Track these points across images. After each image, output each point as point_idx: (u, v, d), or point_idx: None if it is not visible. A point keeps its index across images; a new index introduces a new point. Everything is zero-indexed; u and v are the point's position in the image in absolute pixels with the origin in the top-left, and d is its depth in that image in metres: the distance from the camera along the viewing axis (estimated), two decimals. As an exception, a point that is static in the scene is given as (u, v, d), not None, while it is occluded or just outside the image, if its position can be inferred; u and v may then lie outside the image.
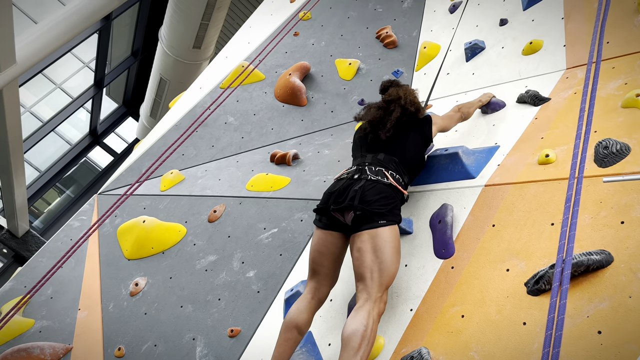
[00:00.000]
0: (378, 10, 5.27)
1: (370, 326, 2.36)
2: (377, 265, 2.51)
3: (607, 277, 2.01)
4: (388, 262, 2.53)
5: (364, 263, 2.53)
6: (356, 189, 2.68)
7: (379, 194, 2.66)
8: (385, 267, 2.52)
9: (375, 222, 2.59)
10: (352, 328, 2.34)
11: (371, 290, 2.48)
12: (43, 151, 14.77)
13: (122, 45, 14.85)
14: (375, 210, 2.61)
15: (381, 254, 2.53)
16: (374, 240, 2.56)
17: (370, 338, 2.35)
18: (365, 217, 2.60)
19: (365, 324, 2.35)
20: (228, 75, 5.27)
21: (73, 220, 4.71)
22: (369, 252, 2.55)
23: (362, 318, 2.37)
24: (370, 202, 2.62)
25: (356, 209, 2.61)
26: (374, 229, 2.58)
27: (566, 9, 3.75)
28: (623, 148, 2.40)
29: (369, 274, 2.51)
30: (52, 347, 3.66)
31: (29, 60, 7.72)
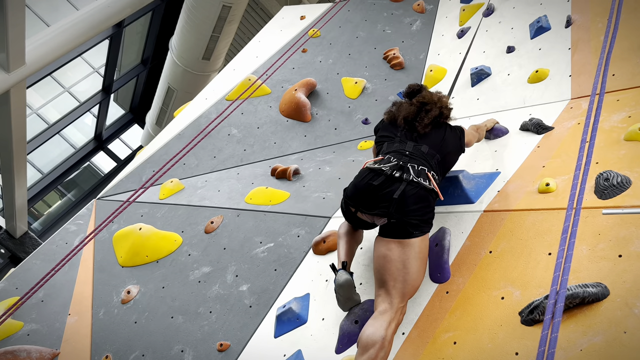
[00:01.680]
0: (387, 31, 5.31)
1: (388, 338, 2.34)
2: (402, 276, 2.47)
3: (602, 311, 1.98)
4: (414, 274, 2.49)
5: (389, 271, 2.48)
6: (396, 196, 2.51)
7: (418, 203, 2.53)
8: (411, 279, 2.48)
9: (410, 233, 2.50)
10: (372, 338, 2.33)
11: (394, 300, 2.46)
12: (47, 153, 14.82)
13: (133, 53, 14.98)
14: (413, 222, 2.51)
15: (409, 264, 2.48)
16: (404, 250, 2.49)
17: (387, 350, 2.34)
18: (400, 226, 2.50)
19: (384, 335, 2.33)
20: (234, 87, 5.29)
21: (70, 224, 4.69)
22: (396, 261, 2.49)
23: (382, 328, 2.35)
24: (408, 213, 2.50)
25: (392, 216, 2.51)
26: (406, 239, 2.50)
27: (573, 40, 3.76)
28: (624, 181, 2.38)
29: (392, 282, 2.47)
30: (39, 352, 3.62)
31: (39, 62, 7.78)
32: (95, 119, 15.57)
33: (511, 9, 4.49)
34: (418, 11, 5.37)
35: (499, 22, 4.49)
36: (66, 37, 8.26)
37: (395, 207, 2.51)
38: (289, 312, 3.08)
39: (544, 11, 4.16)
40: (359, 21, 5.48)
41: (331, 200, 3.81)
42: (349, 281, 2.65)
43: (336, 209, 3.67)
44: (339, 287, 2.66)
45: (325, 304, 3.02)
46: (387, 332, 2.35)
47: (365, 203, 2.59)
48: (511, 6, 4.51)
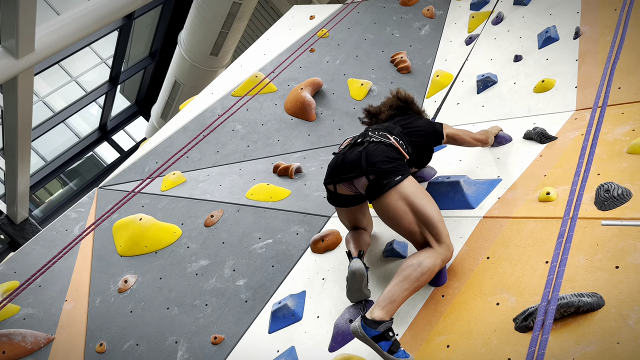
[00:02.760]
0: (395, 35, 5.32)
1: (426, 263, 2.39)
2: (422, 219, 2.50)
3: (596, 321, 1.98)
4: (429, 212, 2.51)
5: (409, 225, 2.51)
6: (360, 151, 2.66)
7: (386, 154, 2.63)
8: (430, 218, 2.50)
9: (392, 180, 2.54)
10: (410, 262, 2.41)
11: (431, 241, 2.50)
12: (51, 141, 14.87)
13: (141, 45, 15.03)
14: (387, 168, 2.57)
15: (417, 208, 2.50)
16: (403, 198, 2.52)
17: (424, 274, 2.38)
18: (380, 178, 2.55)
19: (422, 260, 2.40)
20: (241, 84, 5.31)
21: (71, 211, 4.71)
22: (405, 212, 2.51)
23: (425, 256, 2.42)
24: (379, 163, 2.58)
25: (368, 173, 2.58)
26: (395, 187, 2.53)
27: (581, 51, 3.77)
28: (624, 193, 2.39)
29: (417, 230, 2.51)
30: (34, 336, 3.63)
31: (48, 49, 7.81)
32: (100, 109, 15.63)
33: (520, 18, 4.50)
34: (427, 16, 5.38)
35: (507, 31, 4.50)
36: (76, 26, 8.29)
37: (366, 162, 2.61)
38: (284, 309, 3.09)
39: (553, 22, 4.17)
40: (368, 23, 5.49)
41: (332, 200, 3.82)
42: (362, 270, 2.64)
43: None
44: (351, 274, 2.65)
45: (321, 302, 3.03)
46: (426, 259, 2.40)
47: (339, 174, 2.71)
48: (520, 15, 4.52)
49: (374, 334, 2.23)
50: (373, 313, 2.29)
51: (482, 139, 3.25)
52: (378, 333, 2.24)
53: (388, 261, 2.96)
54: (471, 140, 3.19)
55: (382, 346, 2.23)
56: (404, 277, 2.37)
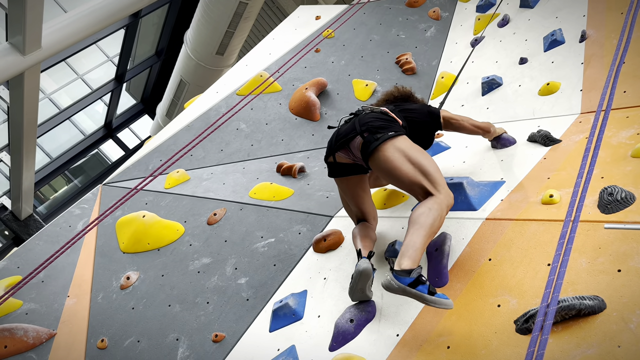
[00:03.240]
0: (401, 36, 5.32)
1: (437, 210, 2.41)
2: (420, 169, 2.54)
3: (597, 324, 1.98)
4: (426, 162, 2.56)
5: (407, 173, 2.55)
6: (353, 120, 2.83)
7: (378, 119, 2.77)
8: (427, 167, 2.55)
9: (385, 134, 2.64)
10: (420, 211, 2.42)
11: (431, 189, 2.51)
12: (56, 138, 14.93)
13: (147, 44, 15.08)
14: (381, 125, 2.70)
15: (414, 157, 2.57)
16: (398, 149, 2.60)
17: (436, 219, 2.39)
18: (373, 135, 2.65)
19: (431, 206, 2.42)
20: (246, 83, 5.32)
21: (74, 208, 4.73)
22: (402, 162, 2.57)
23: (431, 203, 2.44)
24: (370, 122, 2.72)
25: (362, 132, 2.69)
26: (389, 140, 2.62)
27: (587, 54, 3.76)
28: (628, 197, 2.38)
29: (417, 179, 2.53)
30: (36, 331, 3.65)
31: (54, 47, 7.85)
32: (106, 107, 15.68)
33: (526, 20, 4.50)
34: (433, 18, 5.38)
35: (513, 33, 4.50)
36: (83, 23, 8.33)
37: (359, 124, 2.75)
38: (285, 308, 3.09)
39: (559, 25, 4.16)
40: (374, 24, 5.49)
41: (334, 200, 3.82)
42: (369, 271, 2.64)
43: (339, 209, 3.68)
44: (358, 273, 2.64)
45: (322, 302, 3.03)
46: (434, 205, 2.43)
47: (337, 143, 2.84)
48: (526, 18, 4.52)
49: (410, 281, 2.25)
50: (401, 264, 2.31)
51: (483, 126, 3.25)
52: (413, 279, 2.26)
53: (391, 261, 2.95)
54: (470, 127, 3.20)
55: (422, 289, 2.25)
56: (419, 225, 2.39)
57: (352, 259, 3.20)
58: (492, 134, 3.32)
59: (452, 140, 3.83)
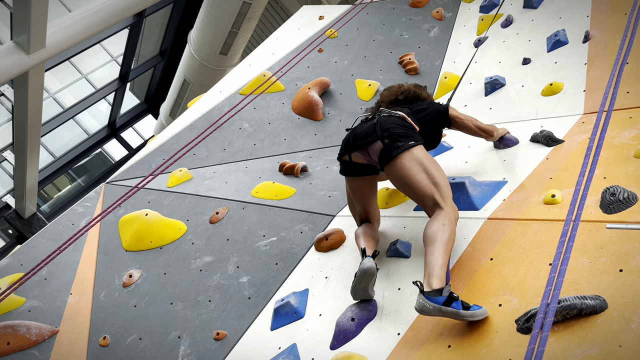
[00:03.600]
0: (404, 36, 5.32)
1: (450, 225, 2.49)
2: (432, 180, 2.63)
3: (599, 324, 1.97)
4: (439, 175, 2.66)
5: (420, 184, 2.64)
6: (373, 123, 2.86)
7: (397, 124, 2.83)
8: (440, 180, 2.64)
9: (406, 143, 2.72)
10: (434, 227, 2.49)
11: (441, 202, 2.59)
12: (60, 137, 14.98)
13: (151, 44, 15.12)
14: (401, 132, 2.76)
15: (429, 169, 2.66)
16: (415, 159, 2.68)
17: (452, 234, 2.47)
18: (394, 142, 2.73)
19: (444, 222, 2.49)
20: (249, 82, 5.33)
21: (77, 206, 4.75)
22: (417, 172, 2.66)
23: (443, 218, 2.52)
24: (394, 129, 2.78)
25: (383, 137, 2.75)
26: (408, 150, 2.70)
27: (590, 55, 3.75)
28: (630, 197, 2.38)
29: (429, 190, 2.62)
30: (38, 328, 3.66)
31: (59, 46, 7.89)
32: (110, 106, 15.73)
33: (530, 21, 4.49)
34: (437, 18, 5.38)
35: (516, 34, 4.49)
36: (87, 23, 8.37)
37: (380, 129, 2.80)
38: (286, 306, 3.09)
39: (563, 25, 4.16)
40: (377, 24, 5.50)
41: (336, 199, 3.82)
42: (373, 270, 2.65)
43: (341, 208, 3.69)
44: (361, 272, 2.65)
45: (324, 300, 3.04)
46: (445, 220, 2.50)
47: (355, 143, 2.89)
48: (530, 18, 4.51)
49: (443, 300, 2.26)
50: (432, 285, 2.32)
51: (488, 129, 3.27)
52: (445, 298, 2.27)
53: (391, 261, 2.96)
54: (474, 128, 3.22)
55: (456, 306, 2.26)
56: (438, 243, 2.45)
57: (354, 258, 3.20)
58: (495, 137, 3.32)
59: (454, 140, 3.83)
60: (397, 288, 2.79)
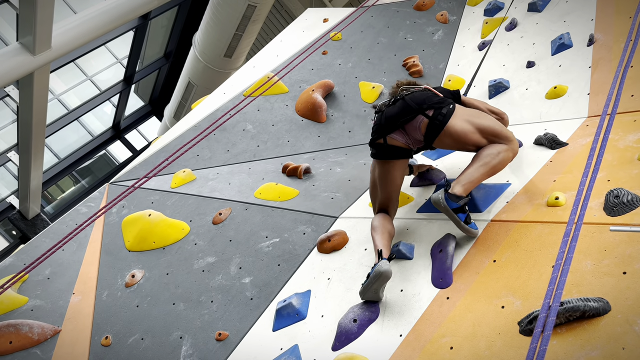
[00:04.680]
0: (408, 39, 5.32)
1: (503, 158, 2.72)
2: (487, 132, 2.79)
3: (602, 326, 1.97)
4: (491, 124, 2.81)
5: (477, 142, 2.79)
6: (401, 102, 2.93)
7: (424, 94, 2.92)
8: (494, 129, 2.80)
9: (449, 108, 2.83)
10: (490, 151, 2.73)
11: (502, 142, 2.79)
12: (65, 138, 15.03)
13: (156, 46, 15.17)
14: (439, 100, 2.87)
15: (479, 124, 2.81)
16: (465, 120, 2.82)
17: (499, 165, 2.71)
18: (438, 109, 2.82)
19: (502, 154, 2.72)
20: (253, 84, 5.34)
21: (81, 206, 4.76)
22: (473, 132, 2.79)
23: (502, 148, 2.74)
24: (426, 100, 2.87)
25: (423, 109, 2.83)
26: (454, 112, 2.83)
27: (594, 58, 3.74)
28: (634, 199, 2.37)
29: (486, 142, 2.79)
30: (41, 327, 3.67)
31: (64, 47, 7.91)
32: (114, 108, 15.77)
33: (534, 24, 4.49)
34: (441, 21, 5.38)
35: (521, 37, 4.49)
36: (92, 25, 8.40)
37: (415, 103, 2.87)
38: (289, 307, 3.09)
39: (567, 28, 4.15)
40: (382, 27, 5.50)
41: (339, 201, 3.82)
42: (389, 274, 2.64)
43: (344, 209, 3.69)
44: (377, 274, 2.63)
45: (326, 302, 3.03)
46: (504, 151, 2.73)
47: (391, 124, 2.93)
48: (534, 22, 4.51)
49: (455, 206, 2.61)
50: (454, 189, 2.65)
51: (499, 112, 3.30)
52: (458, 206, 2.61)
53: (393, 263, 2.95)
54: (484, 109, 3.25)
55: (460, 217, 2.62)
56: (484, 163, 2.71)
57: (356, 260, 3.20)
58: (506, 121, 3.34)
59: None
60: (400, 290, 2.79)
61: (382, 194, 3.10)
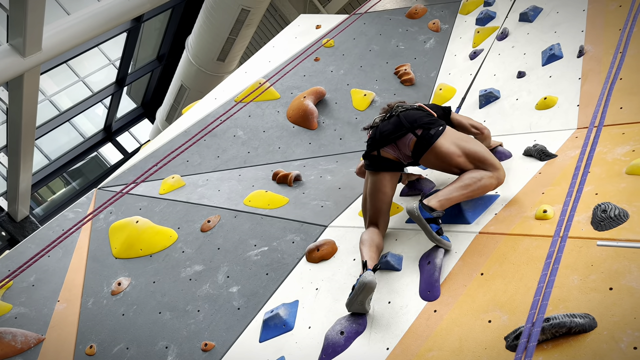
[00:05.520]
0: (400, 47, 5.32)
1: (486, 184, 2.76)
2: (473, 158, 2.84)
3: (588, 343, 1.95)
4: (478, 150, 2.86)
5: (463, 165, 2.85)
6: (396, 118, 3.02)
7: (418, 113, 3.01)
8: (480, 154, 2.85)
9: (438, 129, 2.90)
10: (474, 175, 2.78)
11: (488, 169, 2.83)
12: (56, 140, 14.92)
13: (149, 48, 15.11)
14: (430, 121, 2.94)
15: (466, 148, 2.86)
16: (453, 142, 2.87)
17: (480, 189, 2.76)
18: (427, 131, 2.90)
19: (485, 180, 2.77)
20: (244, 89, 5.32)
21: (68, 212, 4.71)
22: (459, 155, 2.85)
23: (486, 174, 2.79)
24: (418, 119, 2.95)
25: (414, 128, 2.93)
26: (442, 135, 2.88)
27: (584, 70, 3.75)
28: (621, 214, 2.37)
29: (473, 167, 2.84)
30: (24, 335, 3.62)
31: (55, 49, 7.87)
32: (106, 110, 15.68)
33: (525, 34, 4.50)
34: (433, 30, 5.39)
35: (512, 47, 4.50)
36: (85, 26, 8.36)
37: (407, 121, 2.96)
38: (276, 318, 3.06)
39: (558, 39, 4.16)
40: (374, 35, 5.50)
41: (329, 209, 3.80)
42: (373, 284, 2.62)
43: (333, 218, 3.67)
44: (362, 285, 2.61)
45: (313, 313, 3.01)
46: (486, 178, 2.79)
47: (384, 140, 3.02)
48: (526, 32, 4.52)
49: (428, 217, 2.67)
50: (430, 202, 2.72)
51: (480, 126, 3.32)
52: (431, 217, 2.67)
53: (381, 274, 2.93)
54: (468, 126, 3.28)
55: (433, 228, 2.67)
56: (465, 185, 2.76)
57: (345, 270, 3.17)
58: (486, 135, 3.34)
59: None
60: (387, 302, 2.77)
61: (372, 205, 3.10)
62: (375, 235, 3.00)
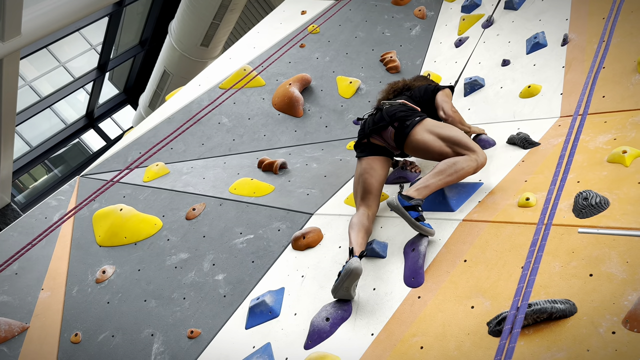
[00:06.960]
0: (386, 34, 5.31)
1: (464, 168, 2.83)
2: (450, 141, 2.95)
3: (568, 328, 2.00)
4: (455, 134, 2.96)
5: (440, 150, 2.96)
6: (381, 114, 3.25)
7: (399, 109, 3.20)
8: (457, 138, 2.94)
9: (413, 120, 3.08)
10: (452, 161, 2.86)
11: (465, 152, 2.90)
12: (37, 126, 14.65)
13: (131, 33, 14.85)
14: (405, 114, 3.14)
15: (442, 133, 2.98)
16: (428, 131, 3.02)
17: (459, 175, 2.83)
18: (403, 123, 3.10)
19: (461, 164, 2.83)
20: (229, 76, 5.27)
21: (51, 199, 4.65)
22: (434, 140, 2.99)
23: (464, 160, 2.85)
24: (396, 113, 3.17)
25: (392, 121, 3.14)
26: (417, 124, 3.06)
27: (568, 58, 3.79)
28: (602, 202, 2.41)
29: (451, 151, 2.93)
30: (8, 324, 3.58)
31: (35, 33, 7.69)
32: (88, 96, 15.43)
33: (510, 22, 4.52)
34: (419, 17, 5.38)
35: (497, 35, 4.52)
36: (65, 10, 8.17)
37: (387, 115, 3.20)
38: (262, 305, 3.08)
39: (542, 27, 4.19)
40: (360, 21, 5.48)
41: (315, 197, 3.81)
42: (359, 270, 2.65)
43: (319, 206, 3.68)
44: (347, 271, 2.64)
45: (299, 300, 3.03)
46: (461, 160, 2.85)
47: (371, 131, 3.26)
48: (510, 20, 4.54)
49: (406, 205, 2.72)
50: (408, 191, 2.81)
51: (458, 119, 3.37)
52: (410, 204, 2.73)
53: (367, 261, 2.96)
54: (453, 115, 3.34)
55: (412, 215, 2.72)
56: (439, 171, 2.84)
57: (331, 257, 3.19)
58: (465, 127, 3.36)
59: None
60: (372, 288, 2.80)
61: (363, 187, 3.19)
62: (365, 219, 3.04)
